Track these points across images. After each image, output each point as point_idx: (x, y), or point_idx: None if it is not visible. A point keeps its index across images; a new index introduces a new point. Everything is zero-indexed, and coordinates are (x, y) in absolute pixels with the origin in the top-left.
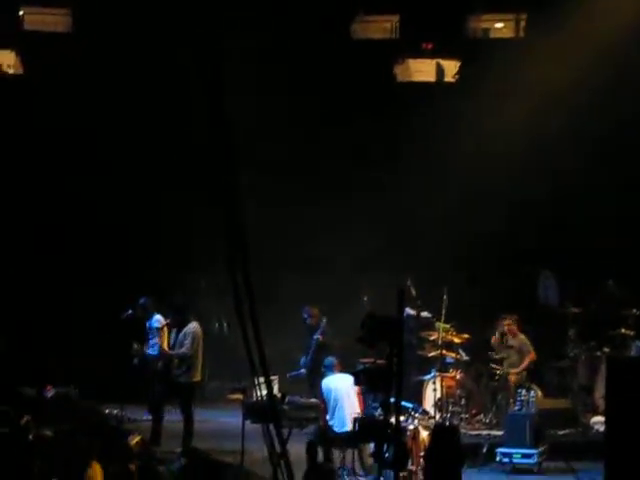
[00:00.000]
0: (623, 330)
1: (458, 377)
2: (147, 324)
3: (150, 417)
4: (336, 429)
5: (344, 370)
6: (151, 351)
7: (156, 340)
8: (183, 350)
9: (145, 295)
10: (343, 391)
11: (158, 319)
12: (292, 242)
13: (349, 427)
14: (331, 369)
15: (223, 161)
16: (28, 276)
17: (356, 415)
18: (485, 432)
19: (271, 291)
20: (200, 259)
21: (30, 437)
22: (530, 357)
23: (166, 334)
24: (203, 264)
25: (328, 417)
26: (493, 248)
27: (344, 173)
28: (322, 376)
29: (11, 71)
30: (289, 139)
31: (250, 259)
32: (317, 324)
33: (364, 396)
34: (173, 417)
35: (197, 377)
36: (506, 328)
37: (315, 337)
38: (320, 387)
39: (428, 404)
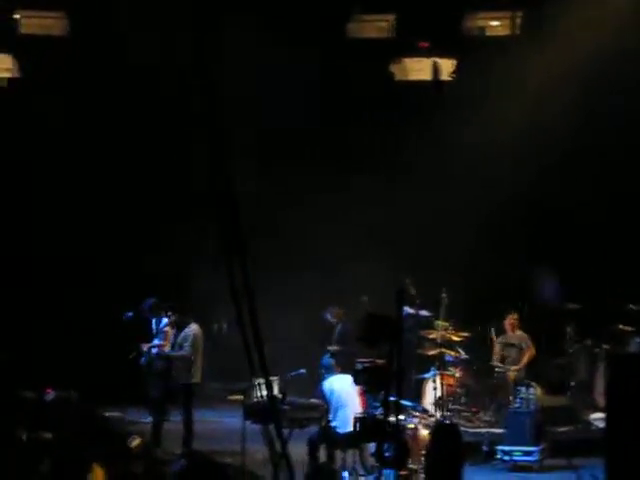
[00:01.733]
0: (622, 326)
1: (458, 375)
2: (155, 325)
3: (150, 419)
4: (339, 430)
5: (344, 370)
6: (155, 351)
7: (162, 341)
8: (182, 352)
9: (152, 296)
10: (345, 392)
11: (167, 321)
12: (288, 239)
13: (350, 427)
14: (330, 370)
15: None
16: (28, 279)
17: (359, 410)
18: (485, 430)
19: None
20: (199, 260)
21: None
22: (530, 353)
23: (169, 336)
24: (202, 265)
25: (330, 418)
26: (492, 245)
27: (341, 173)
28: (321, 377)
29: (8, 75)
30: (286, 138)
31: (248, 260)
32: (336, 324)
33: (366, 396)
34: (173, 418)
35: (197, 378)
36: (508, 324)
37: (329, 349)
38: (321, 389)
39: (428, 402)
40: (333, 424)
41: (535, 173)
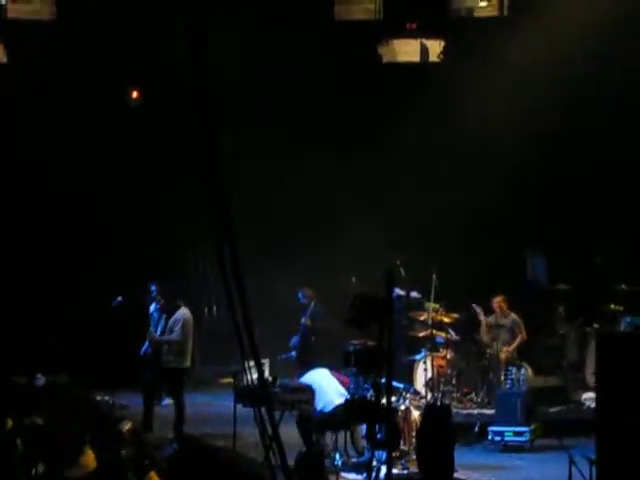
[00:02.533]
0: (612, 306)
1: (449, 356)
2: (153, 308)
3: (168, 402)
4: (326, 410)
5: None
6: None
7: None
8: (173, 336)
9: (154, 281)
10: (320, 378)
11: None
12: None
13: (338, 401)
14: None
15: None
16: (18, 264)
17: (343, 392)
18: (476, 411)
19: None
20: (189, 242)
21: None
22: (521, 337)
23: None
24: (192, 247)
25: (316, 404)
26: (481, 226)
27: (328, 156)
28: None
29: None
30: (272, 121)
31: (238, 244)
32: (307, 305)
33: (354, 377)
34: (164, 403)
35: (187, 363)
36: (496, 306)
37: (303, 321)
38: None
39: (419, 384)
40: (319, 408)
41: (525, 154)
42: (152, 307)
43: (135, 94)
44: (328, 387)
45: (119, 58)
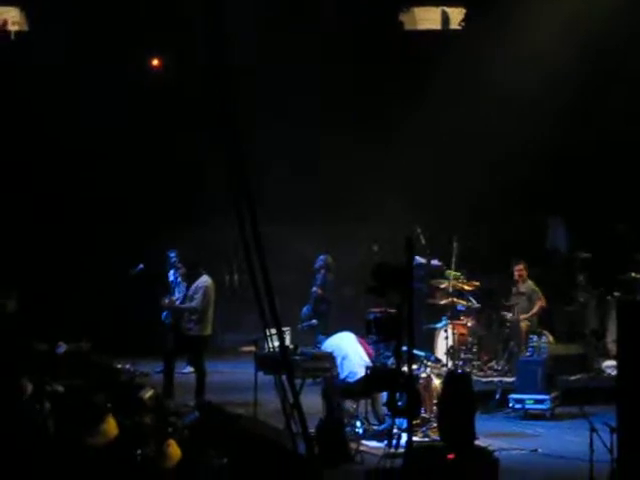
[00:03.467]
0: (633, 274)
1: (469, 324)
2: (172, 276)
3: (189, 370)
4: (350, 379)
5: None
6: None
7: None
8: (193, 304)
9: (173, 249)
10: (345, 344)
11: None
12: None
13: (361, 374)
14: (323, 341)
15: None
16: (39, 233)
17: (367, 361)
18: (497, 379)
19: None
20: (208, 211)
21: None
22: (540, 303)
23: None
24: (211, 216)
25: (340, 372)
26: (502, 194)
27: (348, 124)
28: (319, 346)
29: (16, 28)
30: (290, 88)
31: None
32: (318, 273)
33: (373, 345)
34: (185, 370)
35: (207, 330)
36: (517, 274)
37: (314, 290)
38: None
39: (440, 352)
40: (343, 376)
41: (547, 120)
42: (171, 274)
43: (156, 62)
44: (354, 355)
45: (140, 26)
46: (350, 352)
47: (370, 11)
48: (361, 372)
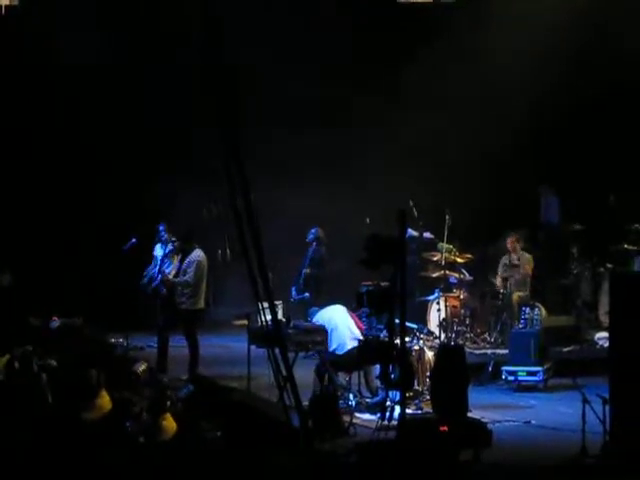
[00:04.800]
0: (626, 245)
1: (462, 297)
2: (160, 249)
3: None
4: (338, 352)
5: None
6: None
7: (171, 268)
8: (186, 278)
9: (162, 222)
10: (334, 316)
11: (171, 247)
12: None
13: (350, 346)
14: (315, 313)
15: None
16: (33, 208)
17: (357, 334)
18: (490, 351)
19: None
20: (201, 184)
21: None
22: (524, 271)
23: (175, 261)
24: (204, 190)
25: (329, 344)
26: (494, 167)
27: (344, 98)
28: (310, 318)
29: (6, 2)
30: (288, 56)
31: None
32: (310, 246)
33: (364, 319)
34: (178, 344)
35: (200, 304)
36: (509, 246)
37: (303, 271)
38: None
39: (433, 324)
40: (331, 349)
41: (538, 93)
42: (157, 248)
43: None
44: (343, 327)
45: None
46: (340, 324)
47: None
48: (350, 344)
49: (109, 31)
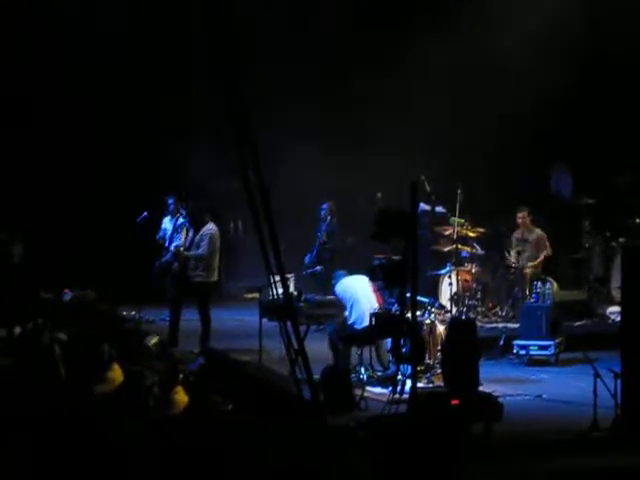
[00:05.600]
0: (638, 220)
1: (474, 271)
2: (170, 222)
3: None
4: (356, 326)
5: (356, 271)
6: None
7: (180, 240)
8: (199, 251)
9: (171, 195)
10: (358, 288)
11: (183, 220)
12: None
13: (368, 321)
14: (340, 278)
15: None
16: (46, 181)
17: (376, 309)
18: (501, 325)
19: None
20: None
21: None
22: (546, 252)
23: (184, 235)
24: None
25: (347, 316)
26: (506, 140)
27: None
28: (332, 285)
29: None
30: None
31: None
32: (324, 220)
33: (381, 292)
34: (190, 317)
35: (213, 277)
36: (520, 221)
37: (319, 236)
38: (334, 290)
39: (444, 298)
40: (350, 321)
41: (551, 69)
42: (166, 220)
43: None
44: (365, 300)
45: None
46: (361, 297)
47: None
48: (368, 320)
49: None
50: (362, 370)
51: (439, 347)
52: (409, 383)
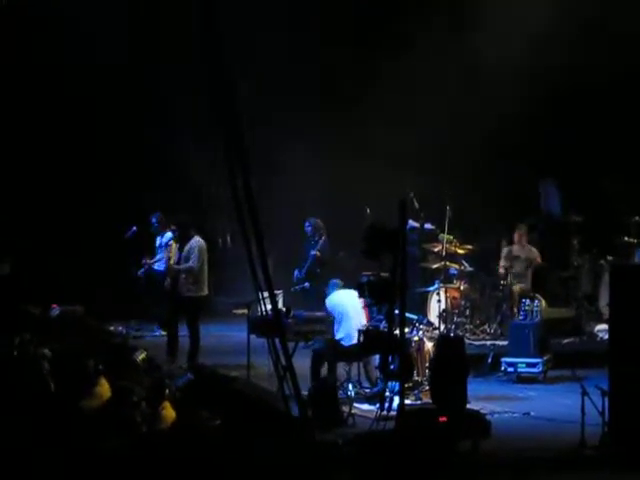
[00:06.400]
0: (626, 238)
1: (462, 288)
2: (159, 240)
3: (161, 332)
4: (344, 343)
5: (346, 286)
6: (158, 267)
7: (164, 255)
8: (189, 264)
9: (156, 212)
10: (349, 305)
11: (170, 235)
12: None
13: (356, 339)
14: (334, 288)
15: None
16: (33, 196)
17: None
18: (490, 342)
19: None
20: (201, 174)
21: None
22: (536, 263)
23: (174, 250)
24: (204, 180)
25: (335, 331)
26: (496, 157)
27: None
28: (324, 296)
29: None
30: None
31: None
32: (317, 238)
33: (369, 309)
34: (180, 333)
35: (204, 291)
36: (516, 238)
37: (313, 253)
38: (325, 304)
39: (432, 315)
40: (338, 337)
41: (539, 81)
42: (158, 239)
43: None
44: (355, 316)
45: None
46: (351, 313)
47: None
48: (355, 338)
49: None
50: (350, 386)
51: (427, 364)
52: (397, 400)
